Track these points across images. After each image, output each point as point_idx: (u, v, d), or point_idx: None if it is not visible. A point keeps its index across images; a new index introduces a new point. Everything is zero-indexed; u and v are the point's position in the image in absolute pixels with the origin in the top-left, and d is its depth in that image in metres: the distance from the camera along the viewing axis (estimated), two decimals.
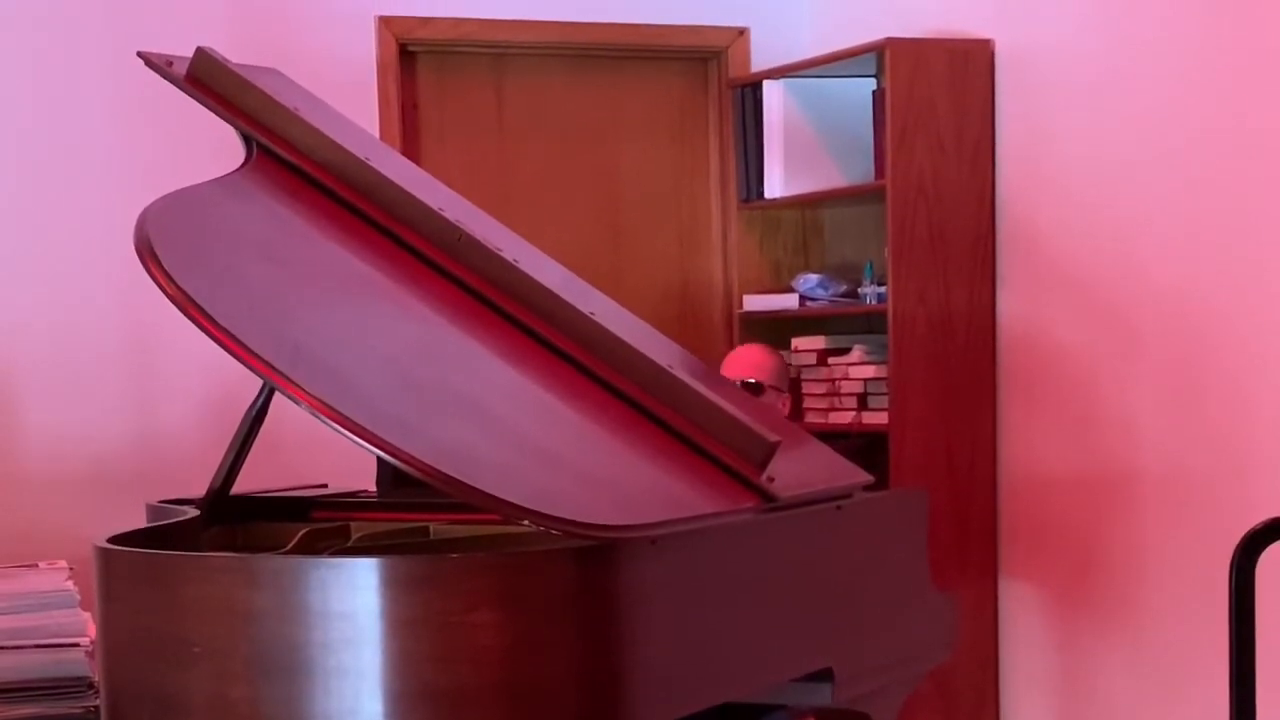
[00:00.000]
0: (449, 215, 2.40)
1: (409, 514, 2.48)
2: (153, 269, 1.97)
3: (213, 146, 2.59)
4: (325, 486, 2.79)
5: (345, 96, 2.96)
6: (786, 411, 3.43)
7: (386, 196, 2.39)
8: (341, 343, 2.11)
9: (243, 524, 2.53)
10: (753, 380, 3.32)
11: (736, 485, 2.25)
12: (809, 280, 3.99)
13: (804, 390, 3.94)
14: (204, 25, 3.58)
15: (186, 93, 2.44)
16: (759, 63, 4.14)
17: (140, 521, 2.51)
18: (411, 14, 3.91)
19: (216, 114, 2.43)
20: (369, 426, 1.86)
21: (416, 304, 2.32)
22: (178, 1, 3.69)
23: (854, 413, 3.81)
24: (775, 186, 3.98)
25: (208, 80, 2.43)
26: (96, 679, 2.19)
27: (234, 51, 2.54)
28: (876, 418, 3.73)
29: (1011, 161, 3.65)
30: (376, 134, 3.73)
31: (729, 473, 2.26)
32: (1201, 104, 3.17)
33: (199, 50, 2.44)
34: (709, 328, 4.24)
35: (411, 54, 3.97)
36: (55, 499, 3.54)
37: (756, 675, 2.29)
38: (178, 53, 2.48)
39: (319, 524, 2.45)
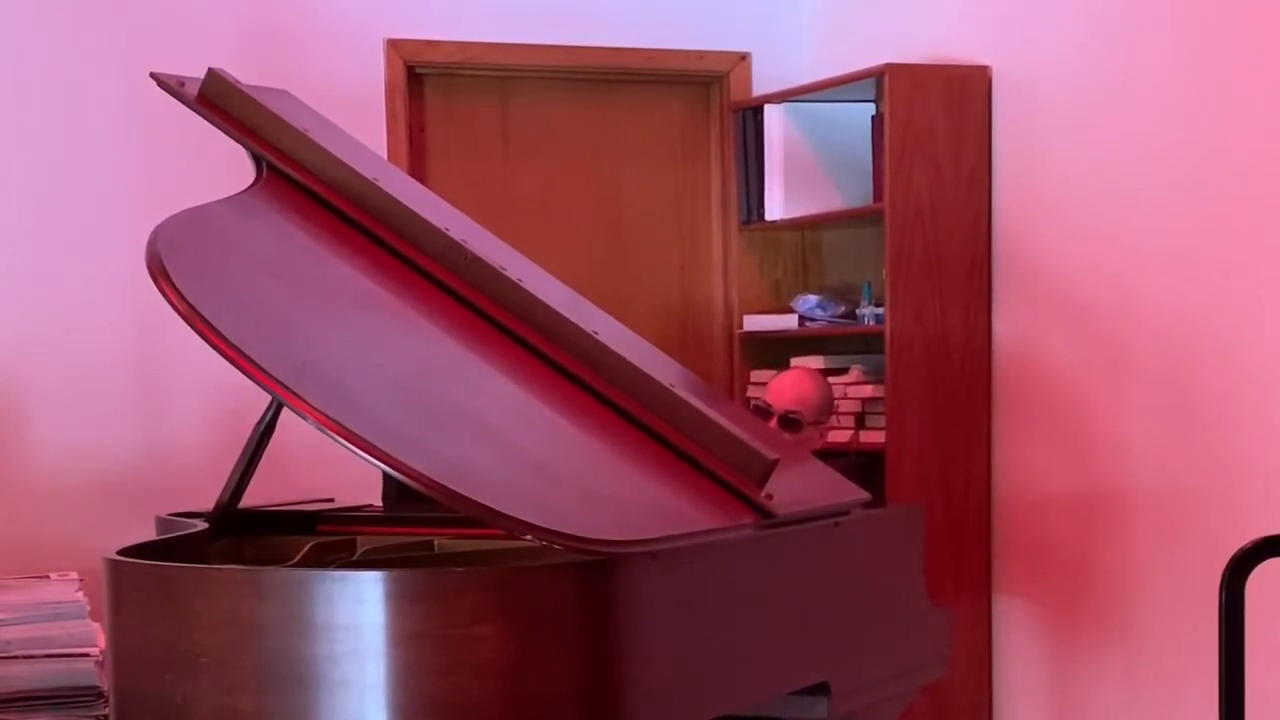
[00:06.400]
0: (455, 234, 2.43)
1: (414, 528, 2.49)
2: (163, 286, 2.00)
3: (223, 166, 2.61)
4: (332, 500, 2.81)
5: (354, 117, 2.98)
6: (824, 440, 3.41)
7: (394, 216, 2.42)
8: (348, 359, 2.14)
9: (250, 537, 2.55)
10: (794, 417, 3.30)
11: (736, 502, 2.28)
12: (808, 301, 4.03)
13: None
14: (215, 47, 3.62)
15: (198, 113, 2.46)
16: (760, 87, 4.18)
17: (149, 534, 2.53)
18: (419, 37, 3.95)
19: (227, 134, 2.46)
20: (374, 441, 1.89)
21: (422, 321, 2.35)
22: (190, 24, 3.72)
23: (852, 431, 3.84)
24: (775, 208, 4.01)
25: (219, 101, 2.46)
26: (106, 688, 2.21)
27: (245, 73, 2.56)
28: (874, 436, 3.76)
29: (1008, 186, 3.69)
30: (384, 154, 3.77)
31: (728, 489, 2.29)
32: (1195, 129, 3.21)
33: (210, 71, 2.47)
34: (709, 347, 4.28)
35: (419, 76, 4.02)
36: (66, 511, 3.55)
37: (754, 688, 2.31)
38: (189, 74, 2.52)
39: (325, 537, 2.47)
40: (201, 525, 2.49)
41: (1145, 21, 3.31)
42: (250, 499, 2.54)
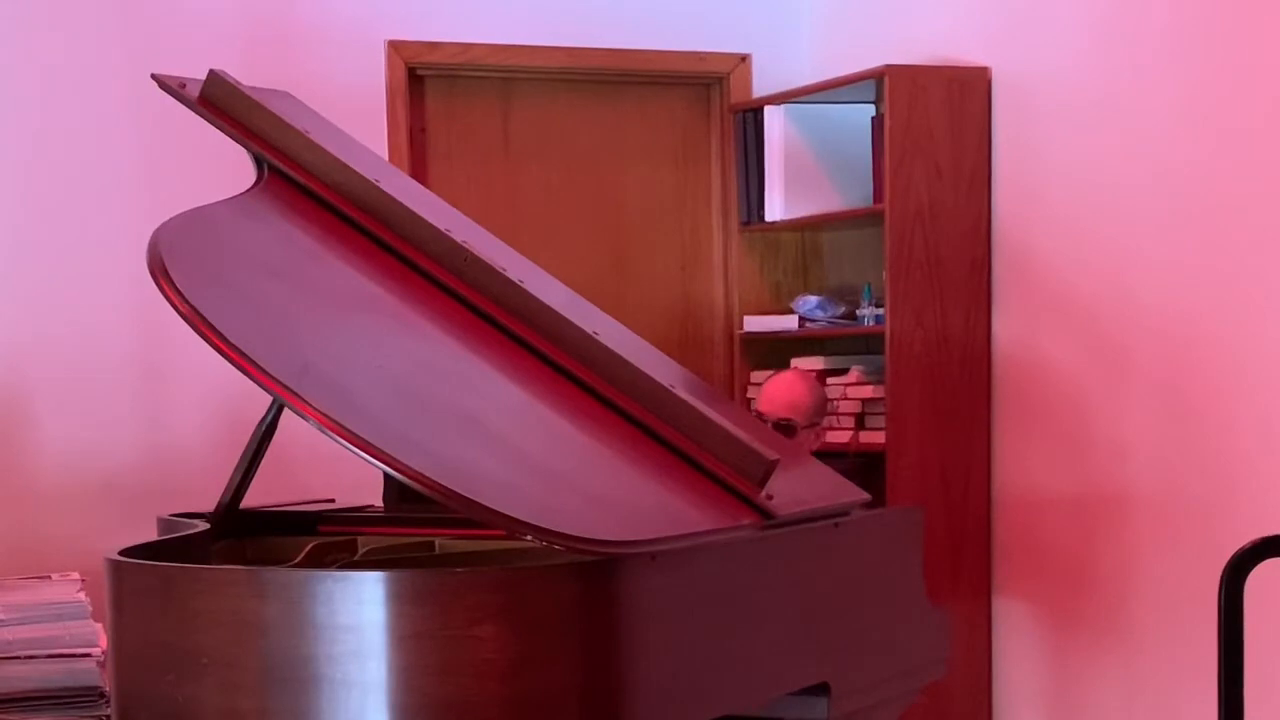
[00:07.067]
0: (456, 236, 2.44)
1: (414, 529, 2.50)
2: (165, 287, 2.01)
3: (225, 167, 2.62)
4: (333, 501, 2.82)
5: (355, 119, 2.99)
6: (821, 443, 3.42)
7: (395, 217, 2.43)
8: (349, 360, 2.14)
9: (252, 537, 2.56)
10: (787, 421, 3.31)
11: (736, 502, 2.29)
12: (808, 302, 4.04)
13: None
14: (217, 49, 3.63)
15: (199, 114, 2.47)
16: (760, 89, 4.19)
17: (151, 534, 2.54)
18: (420, 39, 3.96)
19: (228, 135, 2.47)
20: (375, 442, 1.90)
21: (423, 323, 2.36)
22: (192, 25, 3.73)
23: (851, 432, 3.85)
24: (776, 210, 4.02)
25: (220, 102, 2.47)
26: (108, 689, 2.22)
27: (246, 74, 2.57)
28: (874, 437, 3.76)
29: (1007, 187, 3.70)
30: (385, 156, 3.77)
31: (729, 490, 2.29)
32: (1194, 130, 3.22)
33: (211, 73, 2.48)
34: (710, 348, 4.28)
35: (420, 78, 4.02)
36: (67, 511, 3.56)
37: (754, 689, 2.32)
38: (191, 75, 2.52)
39: (326, 538, 2.48)
40: (203, 526, 2.49)
41: (1144, 22, 3.32)
42: (252, 499, 2.54)
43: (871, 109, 3.93)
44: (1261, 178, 3.07)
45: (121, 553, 2.18)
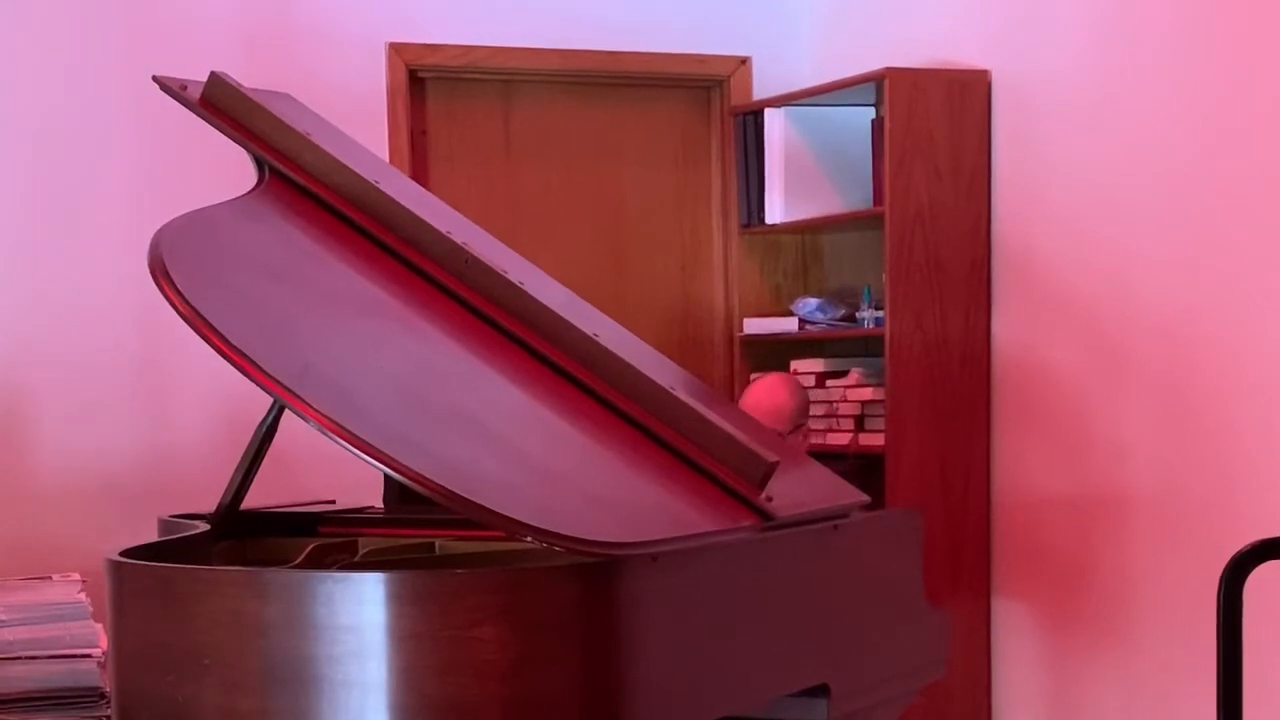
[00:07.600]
0: (456, 238, 2.44)
1: (415, 530, 2.50)
2: (165, 288, 2.01)
3: (226, 169, 2.63)
4: (333, 502, 2.82)
5: (356, 121, 3.00)
6: (809, 443, 3.41)
7: (395, 219, 2.43)
8: (350, 361, 2.15)
9: (252, 538, 2.56)
10: (774, 432, 3.30)
11: (736, 504, 2.29)
12: (808, 304, 4.04)
13: None
14: (218, 50, 3.63)
15: (200, 116, 2.47)
16: (760, 91, 4.19)
17: (151, 535, 2.54)
18: (421, 41, 3.96)
19: (229, 137, 2.47)
20: (376, 443, 1.90)
21: (424, 324, 2.36)
22: (193, 28, 3.74)
23: (851, 434, 3.85)
24: (776, 212, 4.02)
25: (221, 104, 2.47)
26: (108, 689, 2.22)
27: (248, 77, 2.57)
28: (873, 439, 3.77)
29: (1007, 189, 3.70)
30: (386, 158, 3.78)
31: (728, 492, 2.29)
32: (1194, 132, 3.22)
33: (213, 75, 2.48)
34: (709, 350, 4.29)
35: (421, 80, 4.03)
36: (68, 512, 3.57)
37: (754, 690, 2.32)
38: (192, 77, 2.53)
39: (327, 539, 2.48)
40: (204, 527, 2.49)
41: (1144, 25, 3.33)
42: (252, 500, 2.54)
43: (871, 111, 3.94)
44: (1261, 178, 3.08)
45: (122, 553, 2.18)
